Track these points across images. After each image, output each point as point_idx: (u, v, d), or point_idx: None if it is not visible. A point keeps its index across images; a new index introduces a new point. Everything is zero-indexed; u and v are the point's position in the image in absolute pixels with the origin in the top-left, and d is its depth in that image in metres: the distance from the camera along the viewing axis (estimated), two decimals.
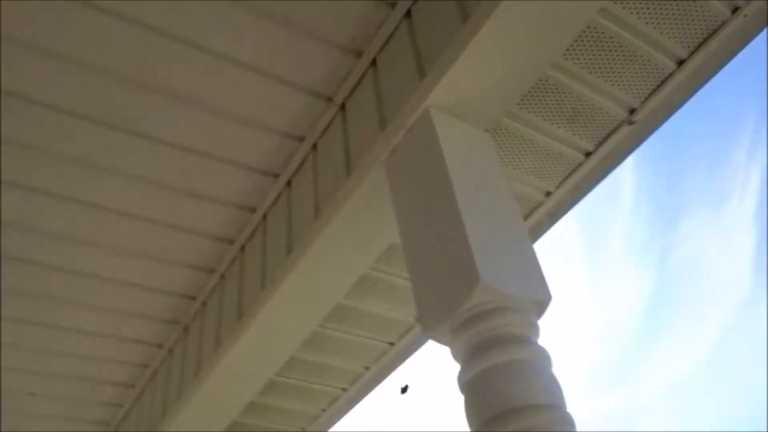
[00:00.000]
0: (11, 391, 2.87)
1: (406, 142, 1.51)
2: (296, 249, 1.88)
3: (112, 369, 2.88)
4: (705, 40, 1.51)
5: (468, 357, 1.13)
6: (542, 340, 1.16)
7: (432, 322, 1.21)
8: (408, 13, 1.75)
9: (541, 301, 1.18)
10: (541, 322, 1.19)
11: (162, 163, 2.10)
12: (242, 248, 2.37)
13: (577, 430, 1.05)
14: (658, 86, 1.60)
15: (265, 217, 2.27)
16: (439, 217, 1.30)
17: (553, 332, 1.22)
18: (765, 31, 1.50)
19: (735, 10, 1.45)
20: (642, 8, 1.46)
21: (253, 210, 2.30)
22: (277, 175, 2.19)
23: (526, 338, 1.12)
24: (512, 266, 1.21)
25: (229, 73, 1.88)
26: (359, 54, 1.88)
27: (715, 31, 1.49)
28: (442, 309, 1.20)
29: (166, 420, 2.47)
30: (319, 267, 1.86)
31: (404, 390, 2.31)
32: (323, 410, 2.63)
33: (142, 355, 2.84)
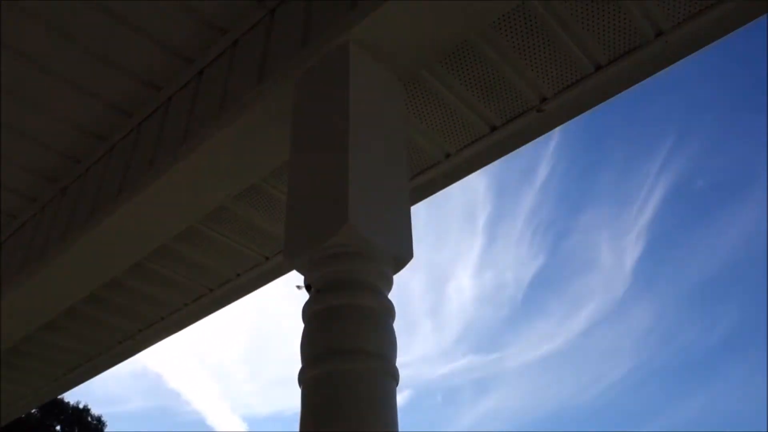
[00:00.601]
0: None
1: (321, 67, 1.50)
2: (192, 140, 1.84)
3: None
4: (625, 54, 1.56)
5: (316, 292, 1.17)
6: (391, 294, 1.21)
7: (295, 250, 1.24)
8: None
9: (400, 256, 1.23)
10: (396, 277, 1.24)
11: (81, 17, 1.98)
12: (139, 124, 2.30)
13: (398, 383, 1.11)
14: (574, 84, 1.65)
15: (170, 99, 2.20)
16: (328, 150, 1.31)
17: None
18: (687, 58, 1.57)
19: (659, 34, 1.50)
20: (577, 5, 1.49)
21: (159, 89, 2.22)
22: (191, 60, 2.11)
23: (375, 287, 1.16)
24: (383, 217, 1.25)
25: None
26: None
27: (636, 48, 1.54)
28: (306, 241, 1.22)
29: (22, 275, 2.42)
30: (210, 163, 1.84)
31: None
32: (185, 305, 2.64)
33: (12, 205, 2.73)
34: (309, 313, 1.18)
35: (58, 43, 2.06)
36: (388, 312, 1.16)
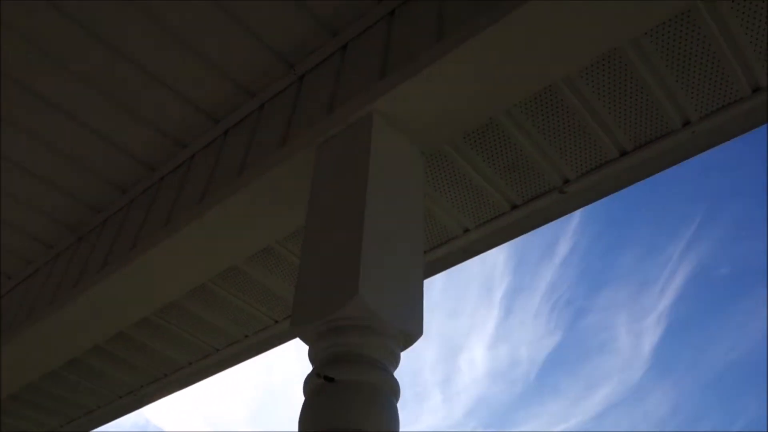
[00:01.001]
0: None
1: (343, 136, 1.49)
2: (210, 198, 1.84)
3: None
4: (651, 141, 1.54)
5: (320, 364, 1.13)
6: (397, 372, 1.16)
7: (302, 320, 1.20)
8: (392, 12, 1.74)
9: (410, 332, 1.18)
10: (404, 354, 1.20)
11: (112, 71, 2.02)
12: (161, 179, 2.31)
13: None
14: (598, 167, 1.63)
15: (193, 156, 2.22)
16: (343, 219, 1.29)
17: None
18: (713, 149, 1.55)
19: (686, 123, 1.48)
20: (603, 89, 1.48)
21: (184, 145, 2.24)
22: (218, 120, 2.14)
23: (381, 364, 1.12)
24: (394, 291, 1.21)
25: (203, 7, 1.83)
26: (334, 33, 1.85)
27: (662, 136, 1.52)
28: (314, 311, 1.19)
29: (29, 320, 2.40)
30: (226, 223, 1.83)
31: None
32: (190, 363, 2.59)
33: (29, 250, 2.74)
34: (310, 386, 1.13)
35: (86, 94, 2.09)
36: (392, 391, 1.11)
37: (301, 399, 1.13)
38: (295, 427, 1.10)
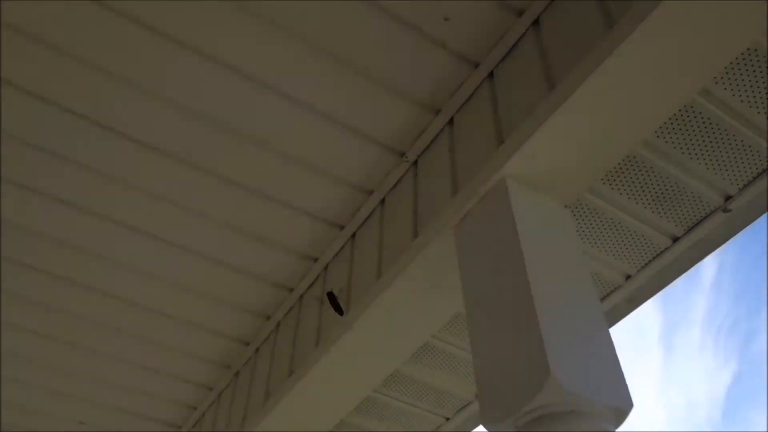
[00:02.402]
0: (60, 417, 2.87)
1: (480, 210, 1.42)
2: (354, 309, 1.80)
3: (161, 406, 2.85)
4: None
5: None
6: None
7: (495, 416, 1.10)
8: (491, 75, 1.69)
9: (619, 408, 1.05)
10: None
11: (228, 203, 2.07)
12: (300, 297, 2.32)
13: None
14: (760, 174, 1.47)
15: (326, 267, 2.22)
16: (509, 297, 1.19)
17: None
18: None
19: None
20: (748, 93, 1.35)
21: (315, 259, 2.24)
22: (342, 227, 2.13)
23: None
24: (588, 362, 1.09)
25: (304, 119, 1.85)
26: (437, 111, 1.82)
27: None
28: (506, 404, 1.08)
29: None
30: (377, 331, 1.77)
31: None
32: None
33: (190, 396, 2.80)
34: None
35: (216, 232, 2.15)
36: None
37: None
38: None
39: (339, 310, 1.89)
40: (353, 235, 2.11)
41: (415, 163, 1.90)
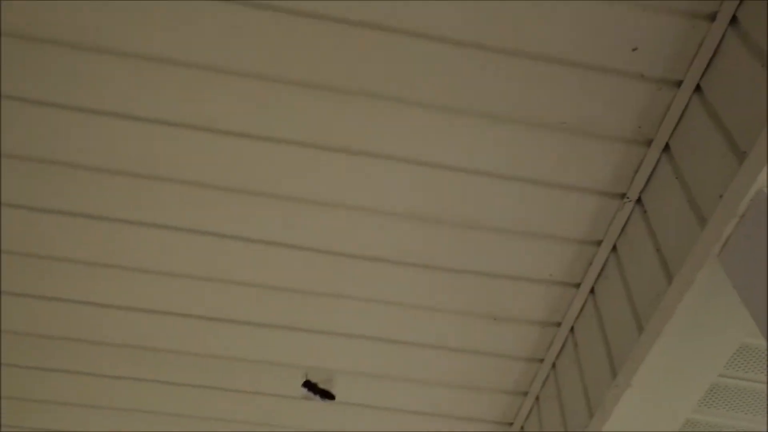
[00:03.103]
0: None
1: (742, 230, 1.30)
2: (622, 372, 1.69)
3: None
4: None
5: None
6: None
7: None
8: (698, 88, 1.59)
9: None
10: None
11: (460, 292, 2.09)
12: (553, 366, 2.24)
13: None
14: None
15: (572, 329, 2.13)
16: None
17: None
18: None
19: None
20: None
21: (557, 324, 2.17)
22: (577, 285, 2.06)
23: None
24: None
25: (510, 191, 1.84)
26: (648, 143, 1.73)
27: None
28: None
29: None
30: (653, 388, 1.66)
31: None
32: None
33: None
34: None
35: (463, 321, 2.17)
36: None
37: None
38: None
39: (327, 395, 1.83)
40: (592, 291, 2.02)
41: (639, 200, 1.80)
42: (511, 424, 2.49)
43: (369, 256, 2.01)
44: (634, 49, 1.56)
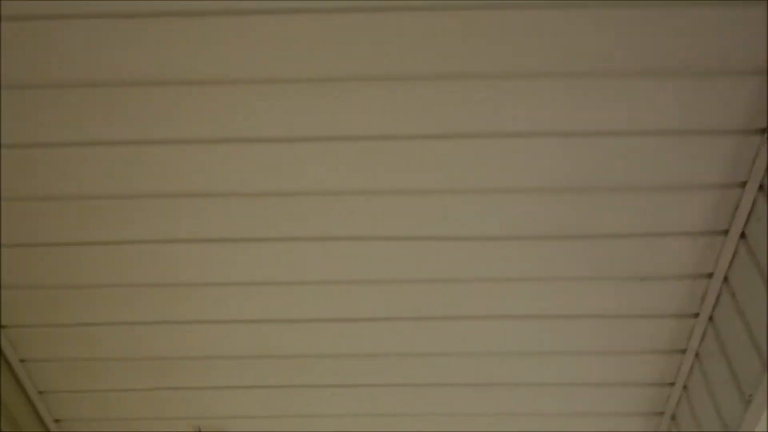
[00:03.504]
0: None
1: None
2: None
3: None
4: None
5: None
6: None
7: None
8: None
9: None
10: None
11: (601, 256, 2.08)
12: (710, 319, 2.16)
13: None
14: None
15: (725, 279, 2.06)
16: None
17: None
18: None
19: None
20: None
21: (709, 276, 2.10)
22: (725, 231, 1.98)
23: None
24: None
25: (642, 148, 1.82)
26: None
27: None
28: None
29: None
30: None
31: None
32: None
33: None
34: None
35: None
36: None
37: None
38: None
39: None
40: (743, 236, 1.94)
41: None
42: (672, 384, 2.43)
43: (504, 236, 2.02)
44: None
